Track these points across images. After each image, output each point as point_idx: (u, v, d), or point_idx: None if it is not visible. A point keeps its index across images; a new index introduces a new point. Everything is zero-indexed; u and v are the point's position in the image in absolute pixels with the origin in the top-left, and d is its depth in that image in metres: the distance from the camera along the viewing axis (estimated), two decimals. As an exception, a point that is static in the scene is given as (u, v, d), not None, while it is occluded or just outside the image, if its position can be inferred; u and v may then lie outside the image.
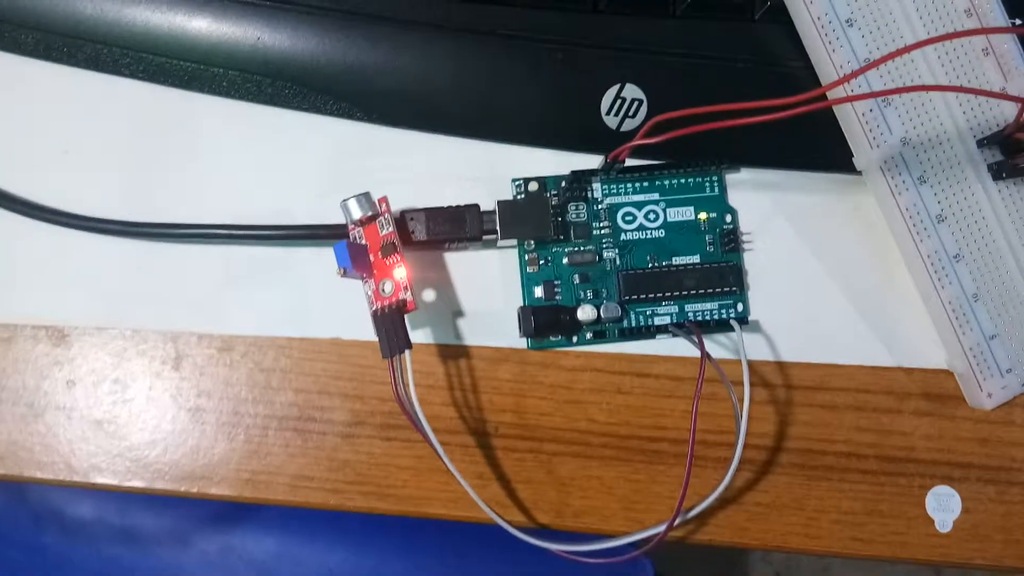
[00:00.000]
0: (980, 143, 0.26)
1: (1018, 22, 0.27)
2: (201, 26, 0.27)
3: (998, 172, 0.26)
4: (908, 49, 0.22)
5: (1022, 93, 0.25)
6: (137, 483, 0.26)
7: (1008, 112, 0.26)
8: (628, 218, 0.27)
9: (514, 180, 0.27)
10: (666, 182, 0.27)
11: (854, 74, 0.22)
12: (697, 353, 0.25)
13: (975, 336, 0.26)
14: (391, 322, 0.24)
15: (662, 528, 0.23)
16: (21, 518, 0.50)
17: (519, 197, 0.27)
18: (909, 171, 0.26)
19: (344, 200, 0.25)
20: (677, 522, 0.24)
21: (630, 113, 0.27)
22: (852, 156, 0.26)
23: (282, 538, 0.50)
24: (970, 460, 0.27)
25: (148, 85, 0.27)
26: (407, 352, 0.24)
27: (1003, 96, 0.23)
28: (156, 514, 0.51)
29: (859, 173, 0.27)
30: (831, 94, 0.25)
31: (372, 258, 0.25)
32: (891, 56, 0.22)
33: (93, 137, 0.27)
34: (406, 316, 0.24)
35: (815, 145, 0.27)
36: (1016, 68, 0.26)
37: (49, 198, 0.26)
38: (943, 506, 0.27)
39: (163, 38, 0.27)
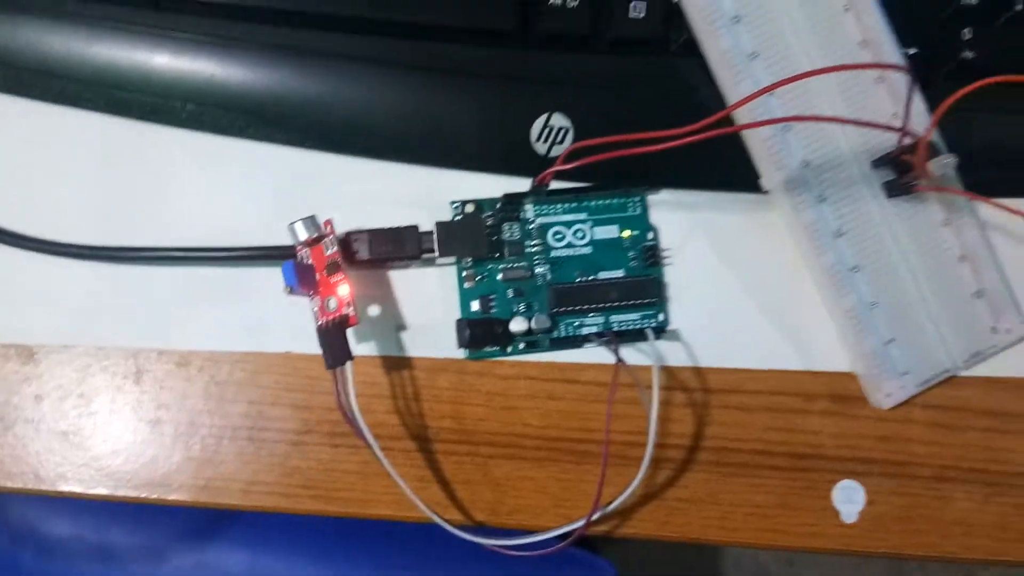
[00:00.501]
0: (874, 164, 0.28)
1: (912, 51, 0.30)
2: (160, 62, 0.29)
3: (890, 190, 0.28)
4: (797, 78, 0.25)
5: (906, 122, 0.27)
6: (101, 490, 0.28)
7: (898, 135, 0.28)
8: (558, 236, 0.29)
9: (452, 202, 0.29)
10: (592, 203, 0.30)
11: (747, 99, 0.25)
12: (627, 364, 0.27)
13: (874, 341, 0.28)
14: (335, 335, 0.26)
15: (582, 523, 0.26)
16: (-2, 536, 0.52)
17: (457, 218, 0.29)
18: (810, 191, 0.28)
19: (291, 223, 0.27)
20: (597, 516, 0.26)
21: (558, 140, 0.29)
22: (760, 178, 0.29)
23: (253, 552, 0.51)
24: (873, 456, 0.29)
25: (112, 117, 0.29)
26: (349, 363, 0.26)
27: (886, 127, 0.26)
28: (131, 531, 0.52)
29: (766, 193, 0.29)
30: (736, 118, 0.27)
31: (318, 276, 0.27)
32: (781, 83, 0.25)
33: (59, 166, 0.29)
34: (350, 330, 0.26)
35: (728, 168, 0.29)
36: (905, 95, 0.28)
37: (17, 224, 0.28)
38: (848, 499, 0.29)
39: (125, 74, 0.29)
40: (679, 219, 0.30)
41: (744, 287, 0.29)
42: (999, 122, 0.30)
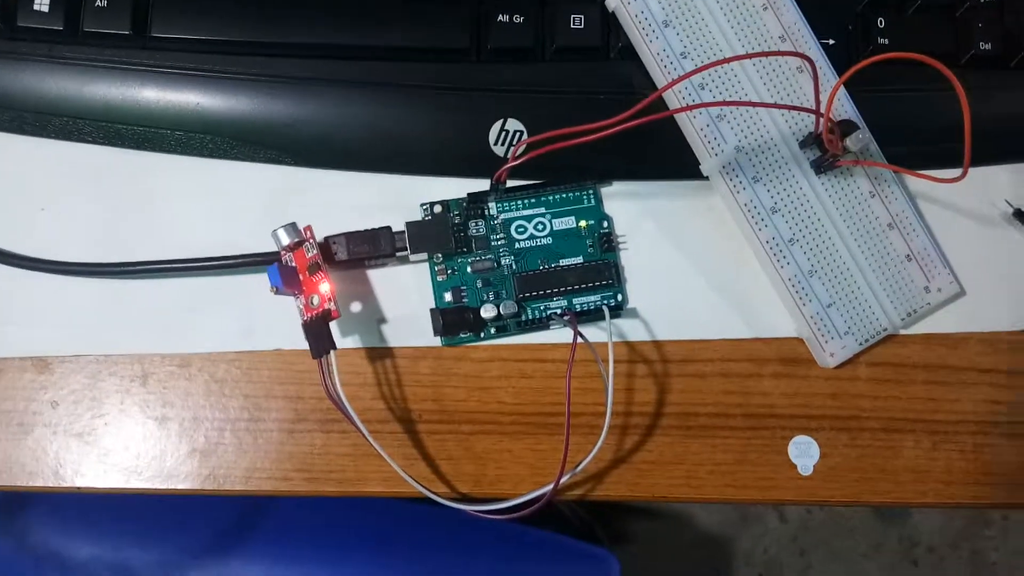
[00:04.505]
0: (801, 144, 0.31)
1: (830, 41, 0.32)
2: (149, 96, 0.32)
3: (818, 167, 0.31)
4: (720, 62, 0.28)
5: (824, 105, 0.30)
6: (114, 484, 0.30)
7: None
8: (520, 229, 0.32)
9: (422, 204, 0.32)
10: (550, 197, 0.32)
11: (673, 83, 0.28)
12: (586, 339, 0.30)
13: (814, 306, 0.31)
14: (319, 329, 0.29)
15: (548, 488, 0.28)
16: (23, 563, 0.54)
17: (426, 218, 0.32)
18: (744, 173, 0.31)
19: (274, 230, 0.29)
20: (566, 479, 0.29)
21: (514, 142, 0.32)
22: (699, 165, 0.31)
23: (271, 567, 0.54)
24: (823, 412, 0.31)
25: (108, 148, 0.32)
26: (332, 353, 0.28)
27: (802, 109, 0.29)
28: (148, 549, 0.54)
29: (707, 179, 0.32)
30: (670, 106, 0.30)
31: (301, 277, 0.30)
32: (703, 68, 0.28)
33: (63, 195, 0.32)
34: (333, 323, 0.29)
35: (671, 158, 0.32)
36: (826, 81, 0.31)
37: (27, 248, 0.31)
38: (803, 453, 0.31)
39: (117, 108, 0.32)
40: (631, 208, 0.32)
41: (693, 265, 0.32)
42: (913, 100, 0.32)
